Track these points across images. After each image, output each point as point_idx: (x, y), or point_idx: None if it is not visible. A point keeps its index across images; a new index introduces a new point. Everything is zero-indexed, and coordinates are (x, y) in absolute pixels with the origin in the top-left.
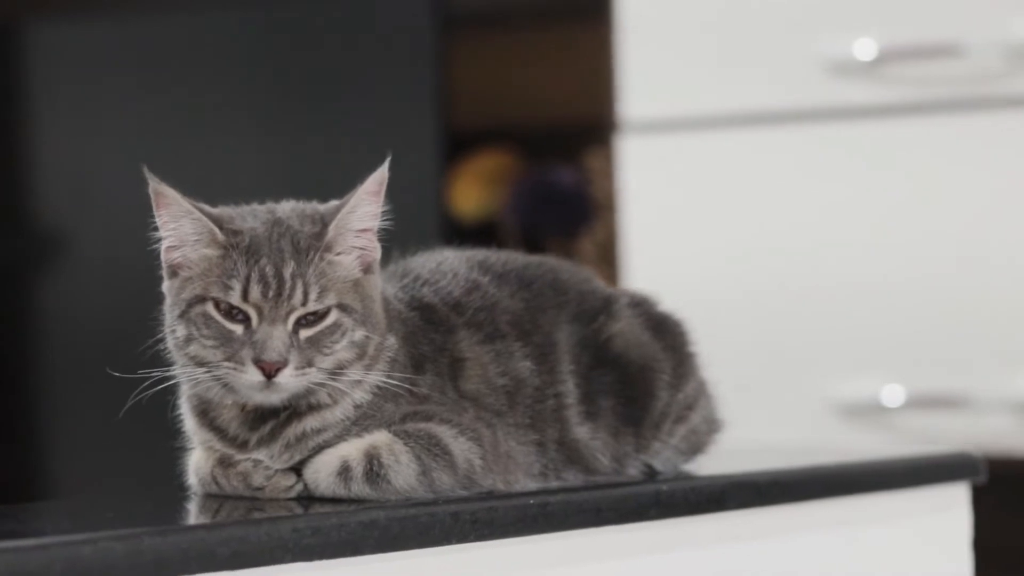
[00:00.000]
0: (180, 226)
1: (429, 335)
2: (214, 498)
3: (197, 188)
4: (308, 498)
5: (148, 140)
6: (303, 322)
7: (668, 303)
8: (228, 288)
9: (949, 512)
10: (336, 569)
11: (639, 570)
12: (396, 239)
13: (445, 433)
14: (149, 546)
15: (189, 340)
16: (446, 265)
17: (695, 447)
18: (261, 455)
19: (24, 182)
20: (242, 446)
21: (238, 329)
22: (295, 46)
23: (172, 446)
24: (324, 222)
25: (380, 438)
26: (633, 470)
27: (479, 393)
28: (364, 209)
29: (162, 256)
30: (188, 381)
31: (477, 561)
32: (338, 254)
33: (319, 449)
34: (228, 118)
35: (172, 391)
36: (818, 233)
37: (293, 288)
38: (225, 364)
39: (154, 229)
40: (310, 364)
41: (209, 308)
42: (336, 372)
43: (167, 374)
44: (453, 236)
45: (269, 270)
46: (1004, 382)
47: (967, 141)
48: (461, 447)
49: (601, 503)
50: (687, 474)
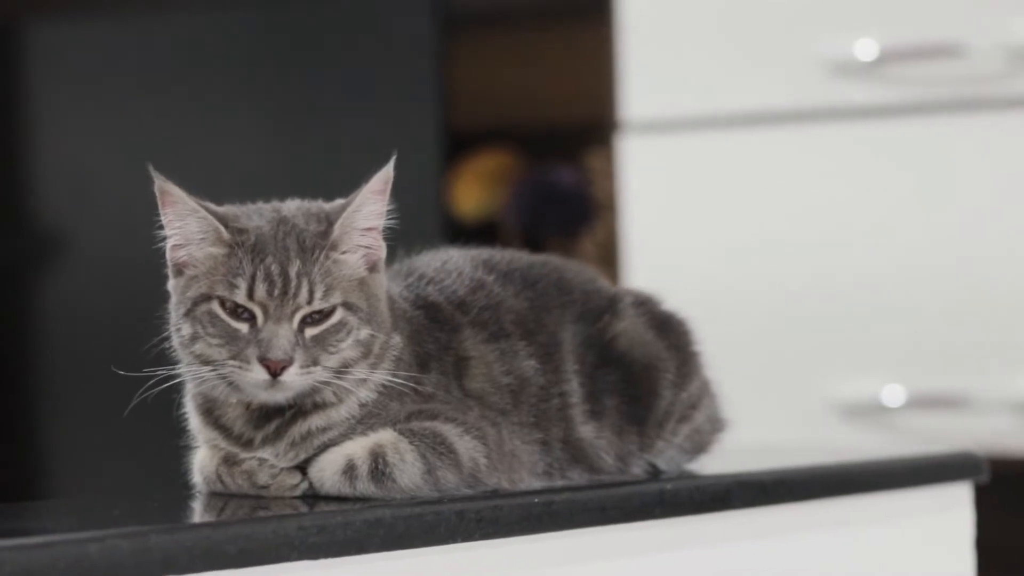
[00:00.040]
0: (185, 224)
1: (434, 334)
2: (219, 496)
3: (197, 188)
4: (313, 497)
5: (148, 140)
6: (308, 321)
7: (669, 303)
8: (233, 286)
9: (952, 511)
10: (341, 567)
11: (643, 569)
12: (397, 239)
13: (450, 432)
14: (156, 544)
15: (194, 338)
16: (451, 264)
17: (699, 446)
18: (266, 454)
19: (24, 182)
20: (247, 444)
21: (243, 327)
22: (295, 46)
23: (177, 444)
24: (329, 221)
25: (385, 437)
26: (637, 469)
27: (484, 392)
28: (369, 208)
29: (167, 254)
30: (193, 379)
31: (482, 560)
32: (343, 253)
33: (324, 448)
34: (228, 118)
35: (176, 389)
36: (818, 233)
37: (298, 287)
38: (230, 362)
39: (159, 228)
40: (315, 363)
41: (214, 306)
42: (341, 371)
43: (172, 372)
44: (454, 236)
45: (275, 268)
46: (1005, 382)
47: (968, 141)
48: (466, 446)
49: (605, 502)
50: (691, 473)
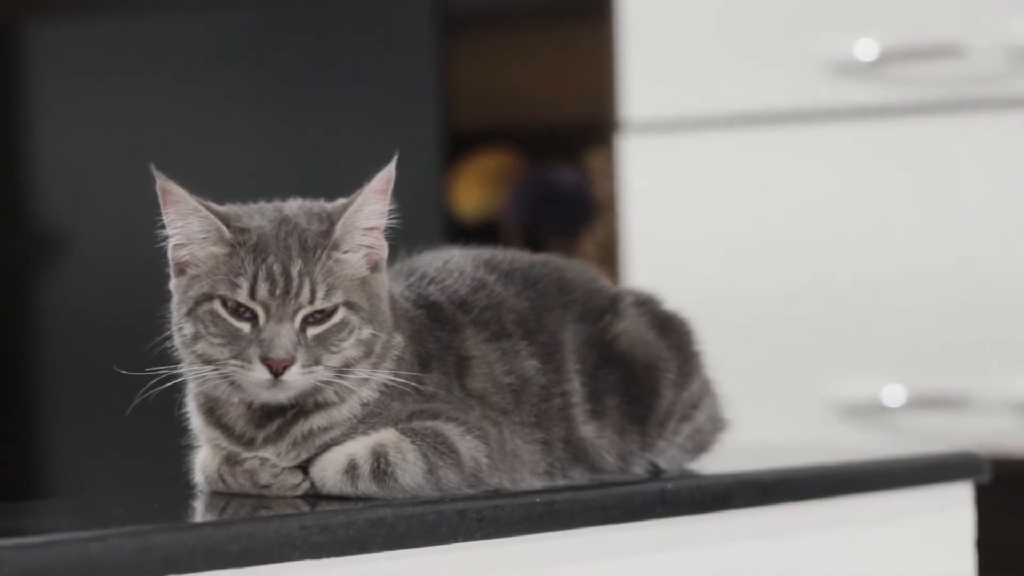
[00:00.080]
0: (187, 224)
1: (435, 333)
2: (221, 496)
3: (197, 188)
4: (315, 496)
5: (148, 140)
6: (310, 320)
7: (670, 303)
8: (235, 286)
9: (953, 511)
10: (343, 567)
11: (645, 568)
12: (397, 239)
13: (452, 431)
14: (158, 543)
15: (196, 338)
16: (452, 264)
17: (700, 446)
18: (268, 453)
19: (24, 182)
20: (249, 444)
21: (245, 327)
22: (295, 46)
23: (178, 444)
24: (331, 220)
25: (387, 436)
26: (638, 469)
27: (485, 391)
28: (371, 207)
29: (169, 254)
30: (195, 379)
31: (483, 559)
32: (345, 252)
33: (326, 447)
34: (228, 118)
35: (178, 389)
36: (819, 233)
37: (300, 286)
38: (232, 362)
39: (161, 227)
40: (317, 362)
41: (216, 306)
42: (343, 370)
43: (174, 372)
44: (454, 236)
45: (276, 268)
46: (1005, 382)
47: (968, 141)
48: (468, 445)
49: (607, 501)
50: (692, 473)
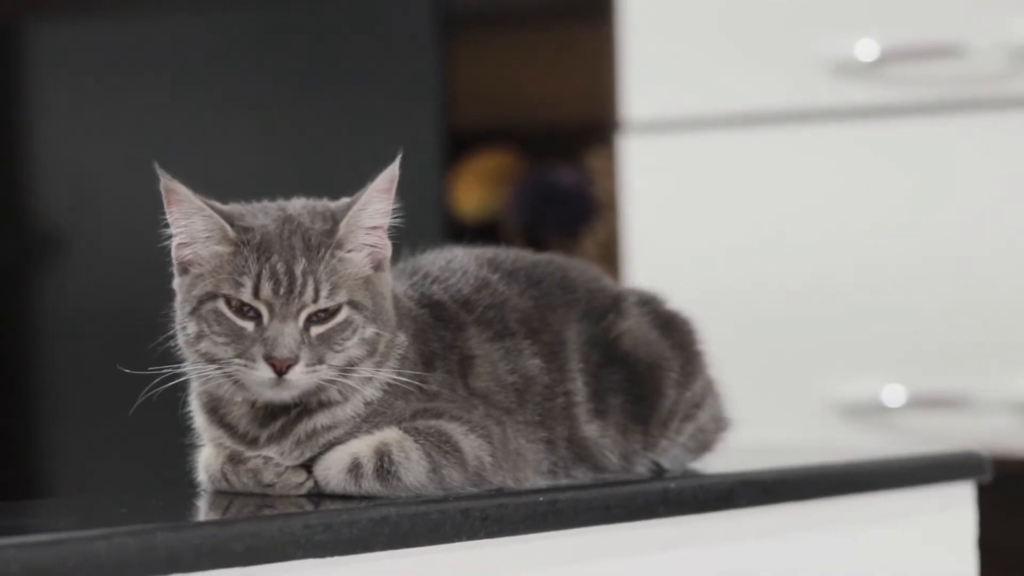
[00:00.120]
0: (191, 223)
1: (439, 332)
2: (224, 495)
3: (197, 188)
4: (318, 495)
5: (148, 140)
6: (314, 319)
7: (671, 302)
8: (239, 285)
9: (954, 511)
10: (347, 565)
11: (647, 567)
12: (397, 239)
13: (455, 430)
14: (162, 542)
15: (200, 337)
16: (456, 263)
17: (703, 445)
18: (271, 452)
19: (24, 182)
20: (252, 443)
21: (249, 326)
22: (296, 46)
23: (181, 443)
24: (335, 219)
25: (391, 435)
26: (641, 468)
27: (489, 391)
28: (375, 206)
29: (172, 253)
30: (198, 378)
31: (487, 558)
32: (349, 251)
33: (329, 446)
34: (229, 118)
35: (181, 388)
36: (819, 233)
37: (304, 285)
38: (236, 361)
39: (164, 226)
40: (321, 361)
41: (220, 305)
42: (347, 369)
43: (177, 371)
44: (454, 236)
45: (280, 267)
46: (1005, 382)
47: (968, 142)
48: (471, 444)
49: (610, 501)
50: (695, 472)
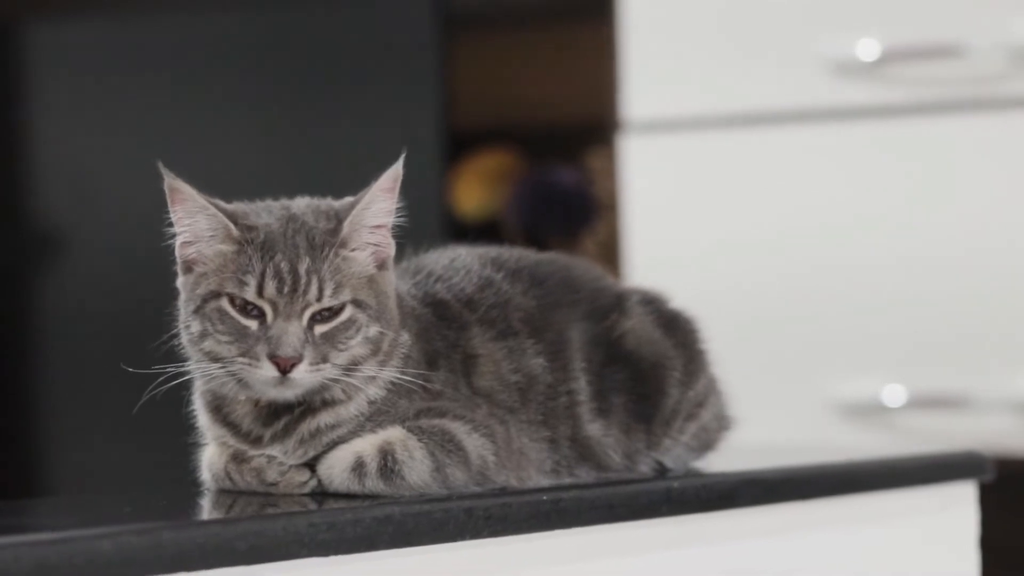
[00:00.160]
0: (195, 222)
1: (442, 331)
2: (228, 494)
3: (199, 188)
4: (322, 494)
5: (148, 140)
6: (318, 318)
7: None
8: (243, 284)
9: (957, 510)
10: (351, 564)
11: (651, 566)
12: (401, 238)
13: (459, 429)
14: (168, 540)
15: (204, 336)
16: (459, 262)
17: (705, 444)
18: (275, 451)
19: (24, 182)
20: (256, 442)
21: (253, 325)
22: (296, 46)
23: (185, 442)
24: (339, 218)
25: (394, 434)
26: (644, 467)
27: (492, 390)
28: (378, 205)
29: (176, 252)
30: (202, 377)
31: (490, 557)
32: (353, 250)
33: (333, 445)
34: (228, 119)
35: (184, 387)
36: (820, 233)
37: (308, 284)
38: (240, 360)
39: (168, 225)
40: (325, 360)
41: (224, 304)
42: (350, 368)
43: (181, 369)
44: (454, 236)
45: (284, 266)
46: (1005, 382)
47: (969, 141)
48: (474, 443)
49: (613, 500)
50: (698, 471)
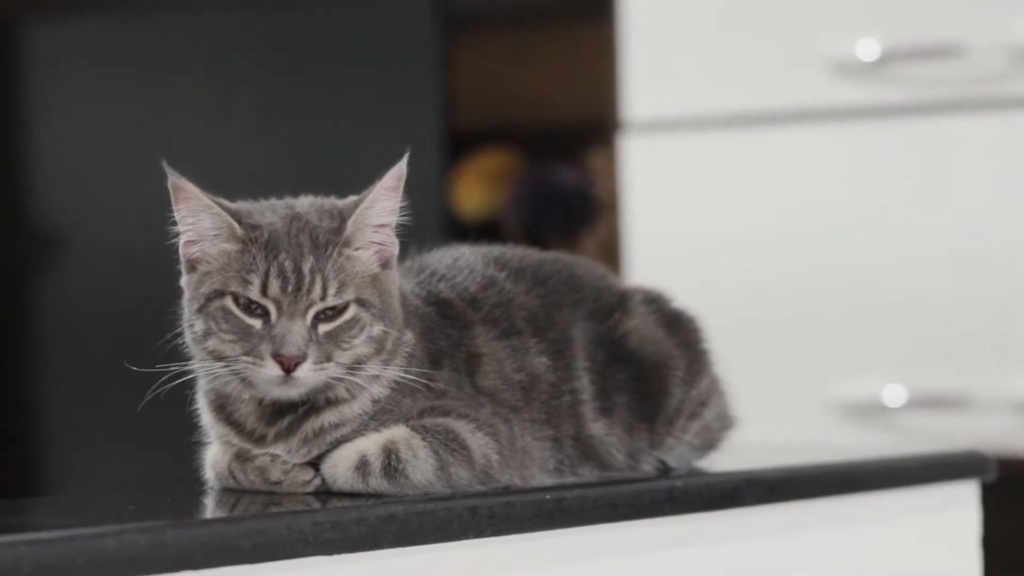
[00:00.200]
0: (199, 221)
1: (446, 330)
2: (231, 492)
3: (201, 187)
4: (325, 493)
5: (148, 140)
6: (322, 317)
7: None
8: (247, 283)
9: (959, 510)
10: (355, 563)
11: (654, 565)
12: (403, 237)
13: (462, 428)
14: (172, 539)
15: (207, 334)
16: (462, 261)
17: (708, 443)
18: (279, 450)
19: (23, 182)
20: (259, 441)
21: (257, 324)
22: (296, 46)
23: (188, 441)
24: (343, 217)
25: (398, 433)
26: (647, 466)
27: (495, 389)
28: (382, 204)
29: (180, 251)
30: (206, 376)
31: (494, 556)
32: (356, 249)
33: (337, 444)
34: (229, 118)
35: (188, 386)
36: (820, 233)
37: (312, 283)
38: (244, 358)
39: (172, 224)
40: (328, 359)
41: (228, 303)
42: (354, 367)
43: (184, 368)
44: (455, 236)
45: (288, 265)
46: (1005, 382)
47: (969, 142)
48: (478, 442)
49: (616, 499)
50: (701, 470)
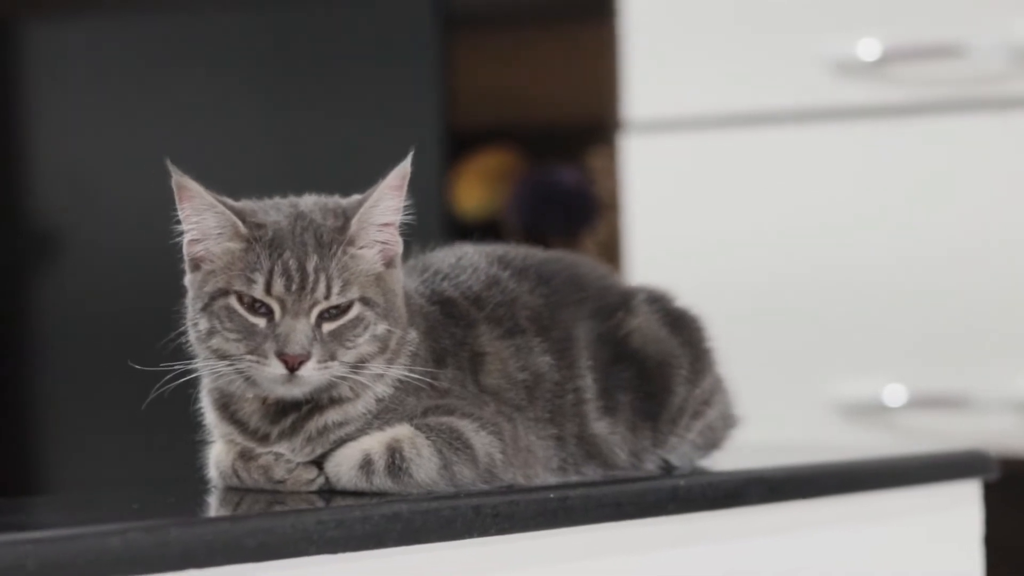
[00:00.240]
0: (203, 219)
1: (450, 329)
2: (235, 491)
3: (204, 186)
4: (329, 491)
5: (147, 140)
6: (326, 316)
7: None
8: (251, 281)
9: (961, 509)
10: (359, 561)
11: (657, 564)
12: (404, 236)
13: (466, 427)
14: (176, 537)
15: (211, 333)
16: (466, 260)
17: (711, 442)
18: (282, 448)
19: (23, 182)
20: (263, 439)
21: (261, 322)
22: (296, 46)
23: (192, 439)
24: (347, 216)
25: (402, 431)
26: (650, 465)
27: (499, 388)
28: (386, 203)
29: (184, 249)
30: (210, 374)
31: (498, 554)
32: (360, 248)
33: (341, 442)
34: (229, 118)
35: (192, 384)
36: (821, 233)
37: (316, 281)
38: (248, 357)
39: (176, 222)
40: (332, 357)
41: (232, 301)
42: (358, 366)
43: (188, 367)
44: (455, 236)
45: (292, 263)
46: (1006, 382)
47: (970, 142)
48: (482, 441)
49: (620, 498)
50: (704, 469)
